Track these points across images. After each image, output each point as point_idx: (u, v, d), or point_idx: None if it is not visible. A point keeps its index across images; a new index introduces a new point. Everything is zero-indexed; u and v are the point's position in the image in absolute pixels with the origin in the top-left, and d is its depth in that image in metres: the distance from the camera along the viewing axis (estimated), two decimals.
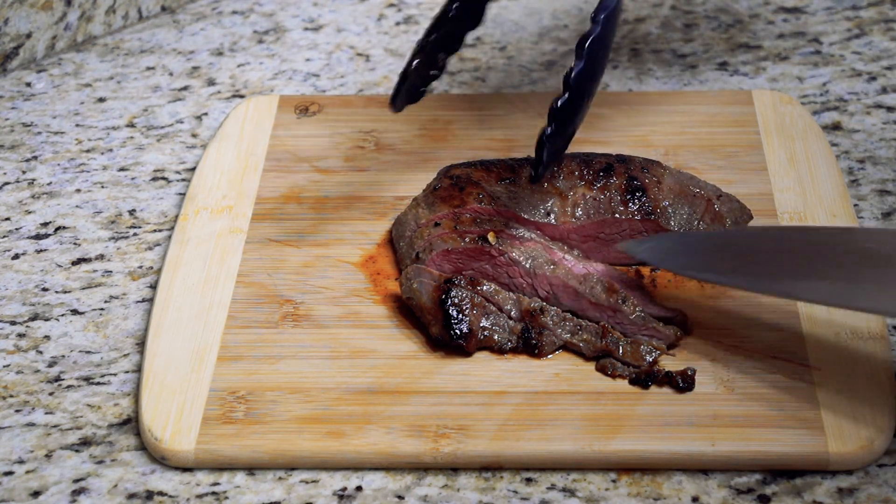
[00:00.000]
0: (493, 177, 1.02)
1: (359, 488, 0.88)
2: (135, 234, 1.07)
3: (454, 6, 1.02)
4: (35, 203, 1.10)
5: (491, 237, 0.98)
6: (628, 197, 1.00)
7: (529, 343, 0.94)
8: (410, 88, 1.03)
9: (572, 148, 1.09)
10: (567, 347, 0.95)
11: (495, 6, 1.32)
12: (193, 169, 1.13)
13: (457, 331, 0.94)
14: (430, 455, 0.88)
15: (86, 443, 0.91)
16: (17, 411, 0.94)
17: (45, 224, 1.08)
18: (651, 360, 0.93)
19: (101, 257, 1.05)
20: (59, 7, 1.25)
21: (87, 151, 1.16)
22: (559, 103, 0.95)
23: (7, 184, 1.12)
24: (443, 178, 1.02)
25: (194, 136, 1.17)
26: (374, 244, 1.03)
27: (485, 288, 0.96)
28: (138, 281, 1.03)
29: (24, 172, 1.14)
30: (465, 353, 0.94)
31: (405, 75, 1.01)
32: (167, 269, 1.01)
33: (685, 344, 0.95)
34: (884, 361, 0.93)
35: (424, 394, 0.92)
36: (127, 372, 0.96)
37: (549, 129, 0.95)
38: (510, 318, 0.95)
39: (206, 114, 1.20)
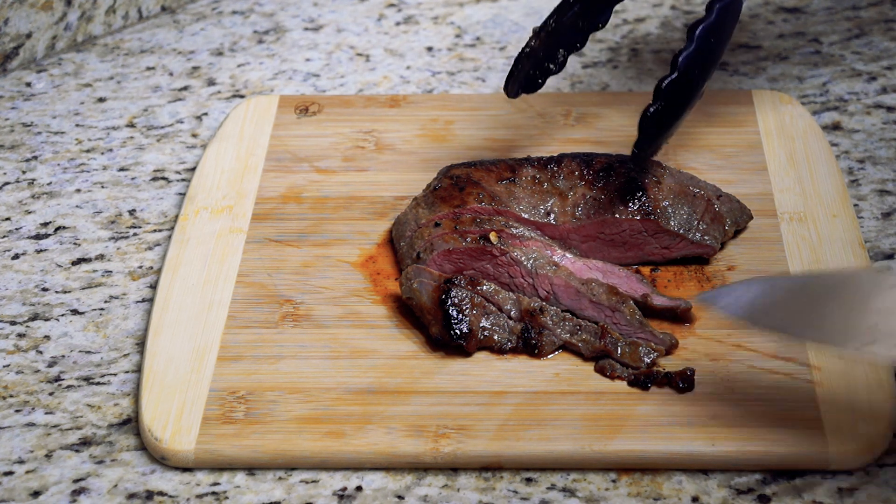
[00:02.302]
0: (493, 177, 1.02)
1: (359, 488, 0.88)
2: (135, 234, 1.07)
3: (574, 2, 1.01)
4: (35, 203, 1.10)
5: (493, 237, 0.98)
6: (628, 197, 1.00)
7: (529, 343, 0.94)
8: (527, 77, 1.03)
9: (573, 148, 1.09)
10: (567, 347, 0.95)
11: (496, 6, 1.32)
12: (193, 169, 1.13)
13: (457, 331, 0.94)
14: (430, 455, 0.88)
15: (86, 443, 0.91)
16: (17, 411, 0.94)
17: (45, 224, 1.08)
18: (649, 361, 0.93)
19: (101, 257, 1.05)
20: (59, 7, 1.25)
21: (87, 151, 1.16)
22: (665, 82, 0.97)
23: (7, 184, 1.12)
24: (443, 178, 1.02)
25: (194, 136, 1.17)
26: (374, 244, 1.03)
27: (485, 288, 0.96)
28: (138, 281, 1.03)
29: (24, 172, 1.14)
30: (465, 353, 0.94)
31: (519, 59, 1.02)
32: (167, 269, 1.01)
33: (685, 344, 0.95)
34: None
35: (424, 394, 0.92)
36: (127, 372, 0.96)
37: (652, 107, 0.97)
38: (510, 318, 0.95)
39: (206, 114, 1.20)
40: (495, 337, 0.94)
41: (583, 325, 0.95)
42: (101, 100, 1.22)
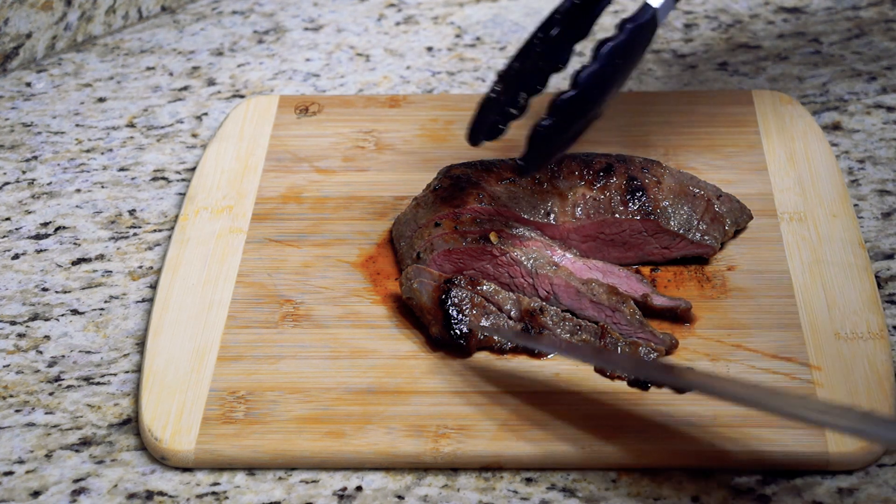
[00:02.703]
0: (493, 177, 1.02)
1: (359, 488, 0.88)
2: (135, 234, 1.07)
3: (537, 43, 0.98)
4: (35, 203, 1.10)
5: (493, 237, 0.98)
6: (628, 197, 1.00)
7: None
8: (489, 123, 0.99)
9: (573, 148, 1.09)
10: None
11: (496, 6, 1.32)
12: (193, 169, 1.13)
13: (457, 331, 0.94)
14: (430, 455, 0.88)
15: (86, 443, 0.91)
16: (17, 411, 0.94)
17: (45, 224, 1.08)
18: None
19: (101, 257, 1.05)
20: (59, 7, 1.25)
21: (87, 151, 1.16)
22: (560, 98, 0.94)
23: (7, 184, 1.12)
24: (443, 178, 1.02)
25: (194, 136, 1.17)
26: (374, 244, 1.03)
27: (484, 288, 0.96)
28: (138, 281, 1.03)
29: (24, 172, 1.14)
30: (465, 353, 0.94)
31: (483, 106, 0.99)
32: (167, 269, 1.01)
33: (685, 344, 0.95)
34: (884, 361, 0.93)
35: (424, 394, 0.92)
36: (127, 372, 0.96)
37: (544, 121, 0.94)
38: (510, 318, 0.95)
39: (206, 114, 1.20)
40: (495, 337, 0.94)
41: (583, 325, 0.95)
42: (101, 100, 1.22)
